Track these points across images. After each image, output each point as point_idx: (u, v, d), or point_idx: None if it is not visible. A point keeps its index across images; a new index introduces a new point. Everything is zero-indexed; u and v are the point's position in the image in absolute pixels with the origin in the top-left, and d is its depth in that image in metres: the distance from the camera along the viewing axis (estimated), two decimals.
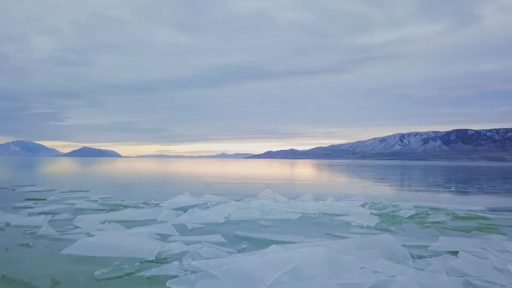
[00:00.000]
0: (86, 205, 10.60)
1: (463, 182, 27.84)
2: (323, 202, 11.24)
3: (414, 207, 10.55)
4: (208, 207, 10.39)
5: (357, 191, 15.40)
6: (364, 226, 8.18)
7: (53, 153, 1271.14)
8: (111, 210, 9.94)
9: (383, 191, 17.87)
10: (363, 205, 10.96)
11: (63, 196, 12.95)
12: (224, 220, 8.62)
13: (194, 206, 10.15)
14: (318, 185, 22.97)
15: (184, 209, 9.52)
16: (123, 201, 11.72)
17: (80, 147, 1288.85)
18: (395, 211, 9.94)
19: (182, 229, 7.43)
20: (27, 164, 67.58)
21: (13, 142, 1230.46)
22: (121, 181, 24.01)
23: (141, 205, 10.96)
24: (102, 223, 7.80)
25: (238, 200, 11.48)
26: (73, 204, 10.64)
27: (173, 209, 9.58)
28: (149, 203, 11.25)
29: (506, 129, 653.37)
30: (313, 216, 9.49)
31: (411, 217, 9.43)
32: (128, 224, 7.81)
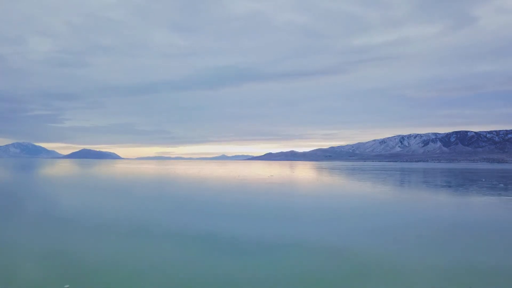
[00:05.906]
0: None
1: None
2: None
3: None
4: None
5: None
6: None
7: (53, 155, 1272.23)
8: None
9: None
10: None
11: None
12: None
13: None
14: None
15: None
16: None
17: (80, 149, 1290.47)
18: None
19: None
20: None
21: (13, 144, 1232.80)
22: None
23: None
24: None
25: None
26: None
27: None
28: None
29: (506, 130, 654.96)
30: None
31: None
32: None
